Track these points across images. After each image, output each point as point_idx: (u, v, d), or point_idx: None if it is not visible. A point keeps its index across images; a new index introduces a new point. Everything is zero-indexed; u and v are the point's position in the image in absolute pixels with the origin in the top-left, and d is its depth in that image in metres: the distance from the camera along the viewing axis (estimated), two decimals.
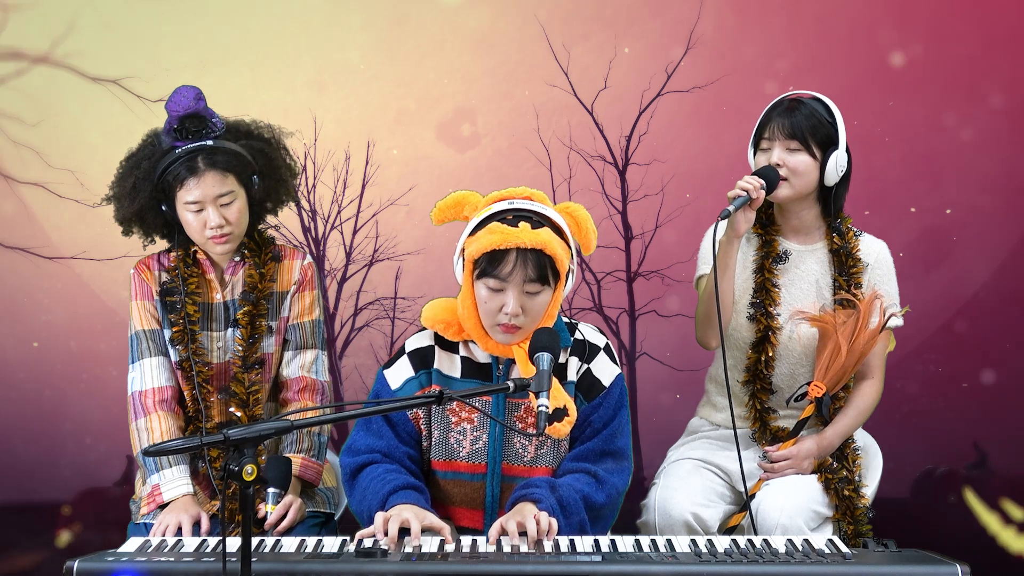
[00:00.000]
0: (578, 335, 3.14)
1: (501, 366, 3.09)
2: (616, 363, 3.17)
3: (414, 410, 3.11)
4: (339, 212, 4.00)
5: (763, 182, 3.37)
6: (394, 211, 4.29)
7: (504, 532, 2.88)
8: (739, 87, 3.82)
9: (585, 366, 3.12)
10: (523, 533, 2.85)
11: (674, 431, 3.65)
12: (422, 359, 3.13)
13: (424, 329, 3.16)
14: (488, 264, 2.94)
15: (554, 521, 2.89)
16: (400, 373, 3.13)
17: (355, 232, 3.96)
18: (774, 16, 3.78)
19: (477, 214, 3.01)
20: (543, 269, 2.95)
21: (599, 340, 3.18)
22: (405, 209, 4.21)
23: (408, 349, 3.15)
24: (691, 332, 3.49)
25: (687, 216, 3.85)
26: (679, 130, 3.82)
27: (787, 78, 3.80)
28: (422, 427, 3.12)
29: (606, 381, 3.12)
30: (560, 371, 3.09)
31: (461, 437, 3.10)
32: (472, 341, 3.09)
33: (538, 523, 2.84)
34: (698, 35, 3.86)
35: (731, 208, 3.34)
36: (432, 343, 3.13)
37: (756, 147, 3.49)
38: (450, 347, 3.13)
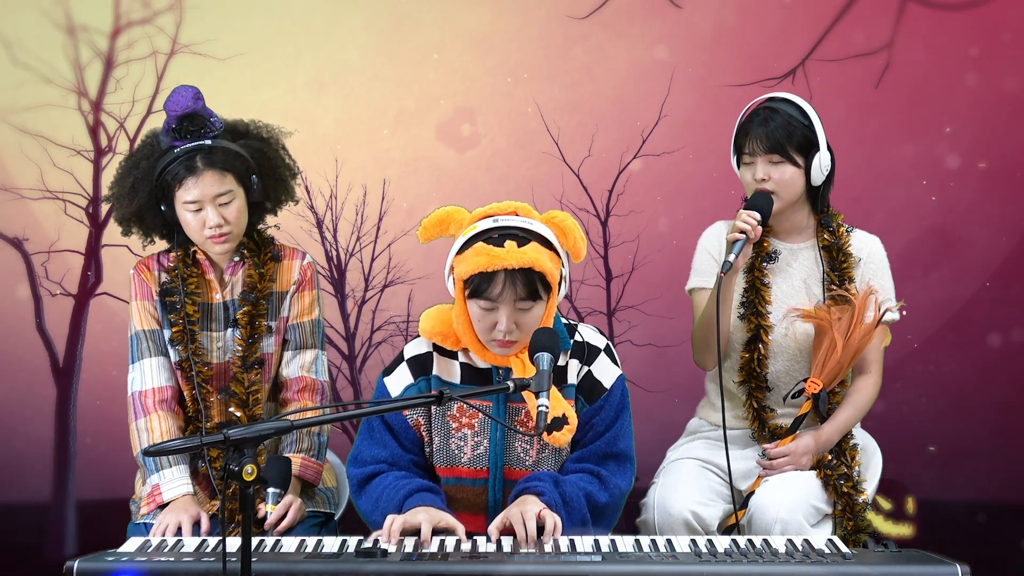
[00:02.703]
0: (578, 337, 3.13)
1: (501, 370, 3.09)
2: (617, 364, 3.16)
3: (415, 418, 3.11)
4: (358, 240, 4.37)
5: (759, 216, 3.37)
6: (406, 241, 4.50)
7: (506, 525, 2.89)
8: (702, 151, 4.41)
9: (586, 368, 3.11)
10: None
11: (650, 444, 3.68)
12: (421, 365, 3.12)
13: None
14: (478, 286, 2.93)
15: (559, 520, 2.89)
16: (400, 380, 3.13)
17: (373, 260, 4.38)
18: (733, 89, 4.29)
19: (463, 233, 2.99)
20: (533, 285, 2.93)
21: (599, 342, 3.17)
22: (415, 238, 4.40)
23: (407, 356, 3.15)
24: (660, 359, 3.51)
25: (661, 258, 4.42)
26: (652, 187, 4.36)
27: None
28: (423, 434, 3.12)
29: (607, 383, 3.12)
30: (560, 373, 3.09)
31: (462, 443, 3.10)
32: None
33: (541, 519, 2.85)
34: (668, 109, 4.46)
35: (731, 258, 3.33)
36: (430, 349, 3.13)
37: (739, 158, 3.51)
38: (449, 353, 3.12)
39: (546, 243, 2.97)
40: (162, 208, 3.35)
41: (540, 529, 2.88)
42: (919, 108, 4.25)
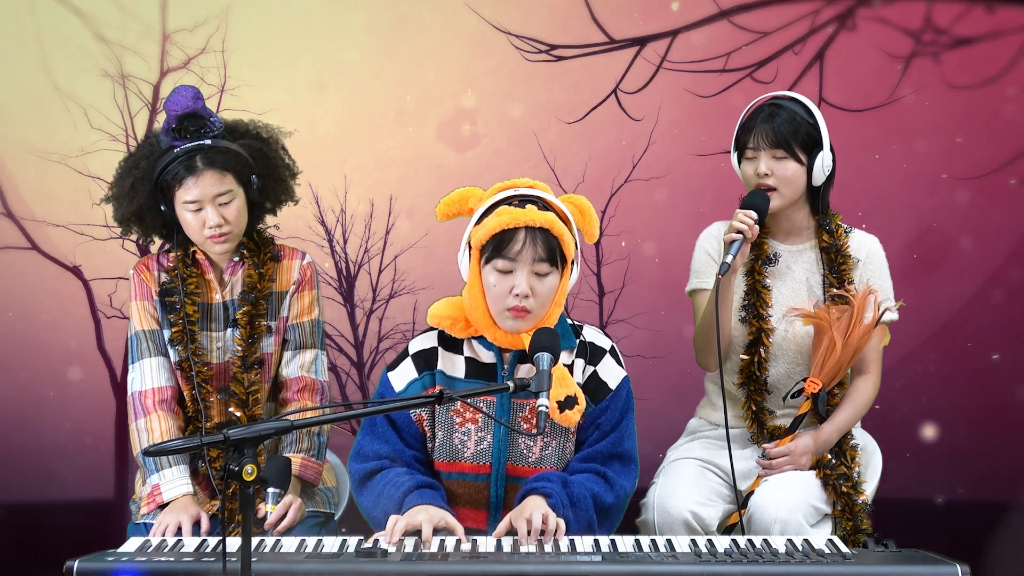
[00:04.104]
0: (583, 337, 3.14)
1: (506, 366, 3.09)
2: (622, 365, 3.16)
3: (418, 412, 3.11)
4: (366, 252, 4.58)
5: (756, 216, 3.37)
6: (411, 254, 4.63)
7: (511, 529, 2.89)
8: (685, 176, 4.63)
9: (591, 369, 3.12)
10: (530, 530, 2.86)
11: (647, 445, 3.72)
12: (426, 361, 3.12)
13: (428, 330, 3.16)
14: (497, 246, 2.95)
15: (562, 522, 2.90)
16: (404, 375, 3.13)
17: (380, 272, 4.58)
18: (716, 120, 4.51)
19: (482, 203, 3.02)
20: (552, 251, 2.96)
21: (604, 343, 3.18)
22: (422, 251, 4.60)
23: (412, 351, 3.15)
24: (649, 368, 3.55)
25: (648, 276, 4.61)
26: (641, 209, 4.54)
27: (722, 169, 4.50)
28: (426, 429, 3.12)
29: (612, 384, 3.12)
30: None
31: (465, 438, 3.10)
32: (477, 338, 3.09)
33: (545, 522, 2.85)
34: (656, 136, 4.65)
35: (729, 259, 3.33)
36: (435, 344, 3.13)
37: (740, 154, 3.50)
38: (454, 348, 3.12)
39: (563, 220, 3.00)
40: (162, 208, 3.34)
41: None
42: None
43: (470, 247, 3.02)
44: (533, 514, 2.88)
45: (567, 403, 2.98)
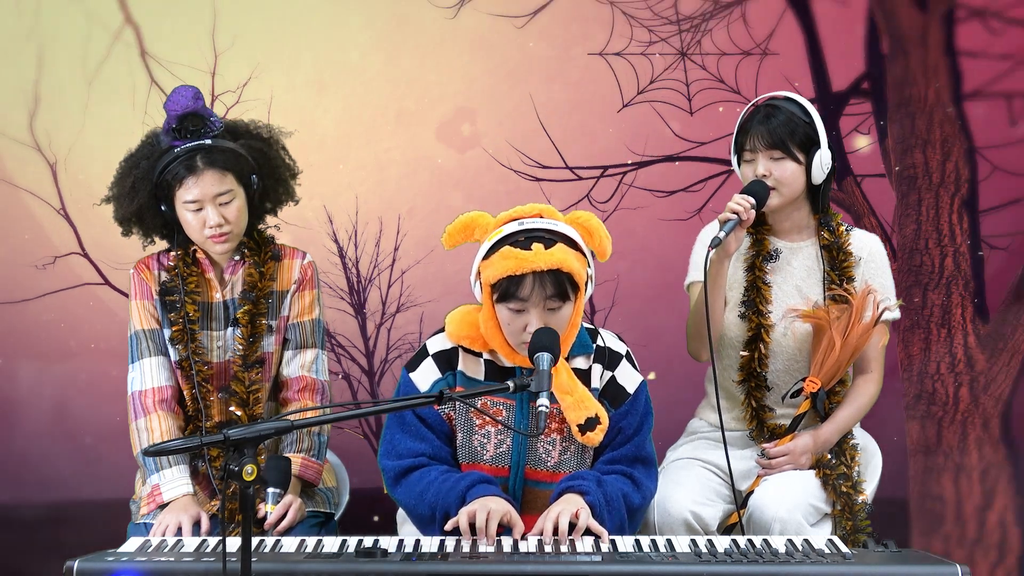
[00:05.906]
0: (600, 341, 3.14)
1: (526, 370, 3.08)
2: (638, 369, 3.18)
3: (446, 412, 3.11)
4: (375, 267, 4.67)
5: (753, 200, 3.37)
6: (418, 269, 4.67)
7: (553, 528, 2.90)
8: (673, 200, 4.70)
9: (609, 374, 3.13)
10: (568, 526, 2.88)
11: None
12: (447, 361, 3.12)
13: (443, 330, 3.16)
14: (506, 289, 2.94)
15: (594, 522, 2.90)
16: (427, 375, 3.11)
17: (389, 287, 4.68)
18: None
19: (488, 238, 2.99)
20: (562, 286, 2.93)
21: (620, 347, 3.18)
22: (426, 265, 4.65)
23: (432, 351, 3.13)
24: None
25: (638, 295, 4.69)
26: (631, 233, 4.58)
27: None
28: (454, 427, 3.12)
29: (631, 388, 3.14)
30: (583, 377, 3.10)
31: (485, 440, 3.10)
32: None
33: (577, 518, 2.88)
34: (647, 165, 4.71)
35: (721, 235, 3.34)
36: (455, 345, 3.12)
37: (739, 156, 3.51)
38: (473, 350, 3.12)
39: (572, 243, 2.97)
40: (162, 208, 3.35)
41: (571, 527, 2.90)
42: None
43: (480, 280, 3.00)
44: (560, 516, 2.89)
45: (588, 424, 3.01)
